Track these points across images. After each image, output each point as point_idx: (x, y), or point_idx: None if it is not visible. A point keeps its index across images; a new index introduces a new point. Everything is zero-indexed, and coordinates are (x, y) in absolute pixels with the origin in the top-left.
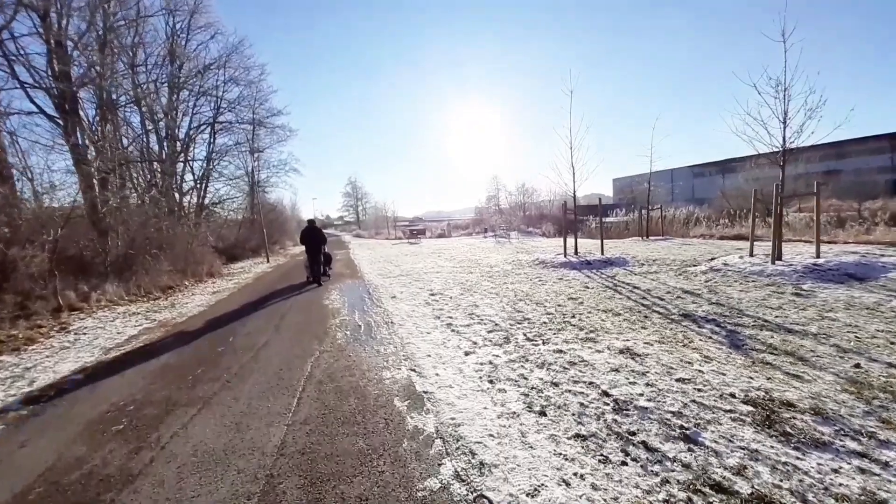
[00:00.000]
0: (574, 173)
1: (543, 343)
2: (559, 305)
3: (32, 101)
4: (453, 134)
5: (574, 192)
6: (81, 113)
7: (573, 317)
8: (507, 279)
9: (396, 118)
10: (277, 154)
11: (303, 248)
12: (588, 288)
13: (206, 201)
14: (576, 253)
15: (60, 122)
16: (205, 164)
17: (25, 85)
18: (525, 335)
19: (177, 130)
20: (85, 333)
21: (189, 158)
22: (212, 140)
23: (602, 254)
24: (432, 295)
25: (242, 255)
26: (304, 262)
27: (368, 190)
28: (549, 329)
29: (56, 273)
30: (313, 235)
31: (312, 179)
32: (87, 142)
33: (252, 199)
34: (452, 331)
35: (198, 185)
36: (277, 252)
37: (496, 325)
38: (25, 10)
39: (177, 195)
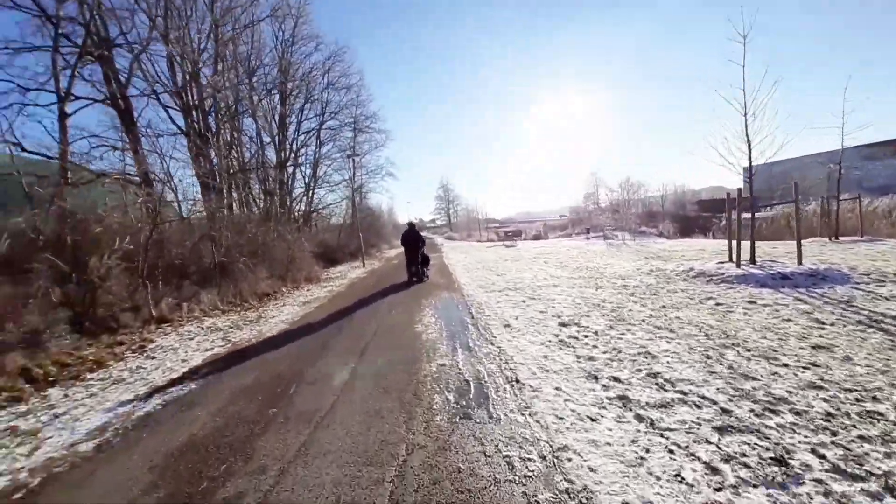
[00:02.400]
0: (750, 149)
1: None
2: (812, 364)
3: (173, 121)
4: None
5: (750, 174)
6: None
7: (860, 393)
8: (662, 301)
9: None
10: (375, 160)
11: (396, 251)
12: (824, 324)
13: (313, 207)
14: (752, 261)
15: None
16: (312, 171)
17: (168, 108)
18: (819, 453)
19: (287, 137)
20: (155, 357)
21: (300, 163)
22: (317, 148)
23: (800, 262)
24: (563, 325)
25: (342, 259)
26: (405, 263)
27: (459, 192)
28: (853, 434)
29: (148, 282)
30: (412, 238)
31: (406, 184)
32: (208, 153)
33: (353, 204)
34: (640, 420)
35: (307, 192)
36: (374, 255)
37: (722, 410)
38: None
39: (287, 200)
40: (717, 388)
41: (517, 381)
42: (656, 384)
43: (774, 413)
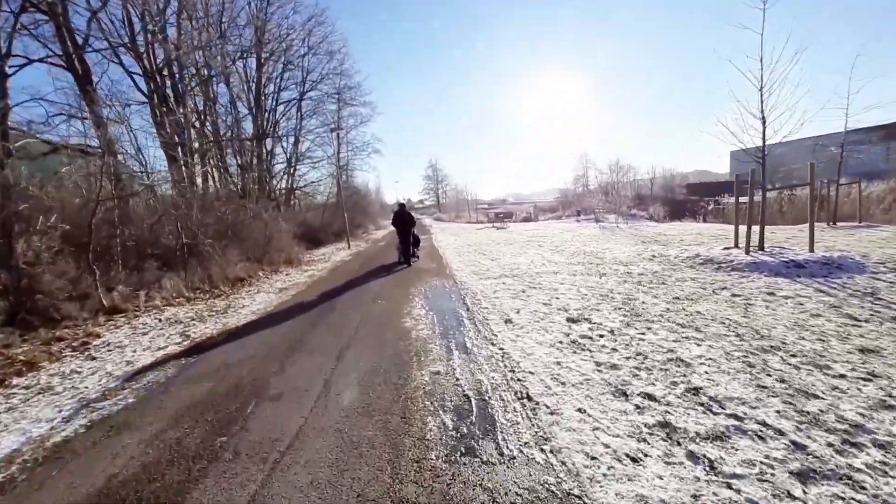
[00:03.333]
0: (764, 126)
1: None
2: (872, 375)
3: (137, 87)
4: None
5: (763, 153)
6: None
7: None
8: (674, 292)
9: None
10: (361, 136)
11: (384, 232)
12: (859, 321)
13: (294, 184)
14: (761, 248)
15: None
16: (293, 146)
17: (133, 74)
18: None
19: (264, 107)
20: (96, 358)
21: (280, 135)
22: (299, 121)
23: (811, 249)
24: (572, 321)
25: (326, 240)
26: (396, 244)
27: (448, 172)
28: None
29: (96, 267)
30: (403, 219)
31: (394, 163)
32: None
33: (337, 182)
34: (695, 461)
35: (288, 168)
36: (360, 236)
37: (794, 445)
38: None
39: (266, 176)
40: (778, 411)
41: (528, 397)
42: (701, 404)
43: (856, 447)
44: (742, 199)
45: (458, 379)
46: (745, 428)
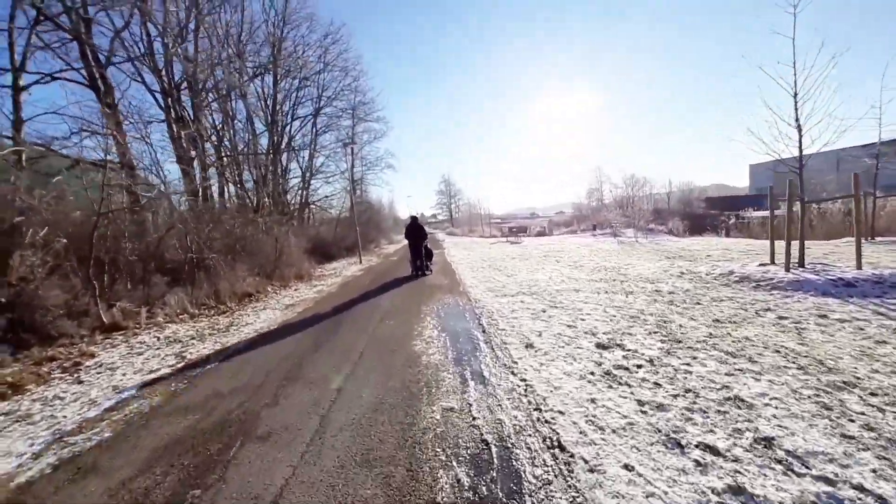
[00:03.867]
0: (801, 134)
1: None
2: None
3: (158, 105)
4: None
5: (800, 163)
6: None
7: None
8: (711, 313)
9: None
10: (374, 151)
11: (396, 247)
12: None
13: (309, 199)
14: (801, 264)
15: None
16: (307, 161)
17: (155, 92)
18: None
19: (279, 122)
20: (83, 381)
21: (294, 149)
22: (314, 136)
23: (859, 266)
24: (602, 348)
25: (338, 255)
26: (409, 257)
27: (461, 187)
28: None
29: (95, 282)
30: (415, 231)
31: (407, 178)
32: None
33: (350, 196)
34: None
35: (303, 183)
36: (372, 251)
37: None
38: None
39: (280, 191)
40: (875, 471)
41: (560, 446)
42: (778, 461)
43: None
44: (757, 214)
45: (474, 418)
46: (840, 496)
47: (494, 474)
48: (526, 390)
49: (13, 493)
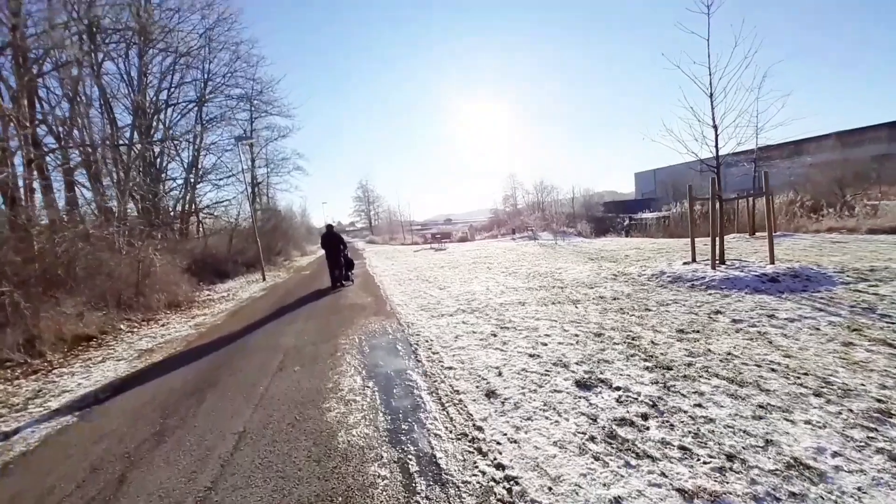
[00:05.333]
0: (717, 134)
1: None
2: None
3: None
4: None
5: (717, 163)
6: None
7: None
8: (667, 320)
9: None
10: (280, 151)
11: (311, 259)
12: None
13: (194, 207)
14: (722, 261)
15: None
16: (191, 160)
17: None
18: None
19: (149, 108)
20: None
21: (173, 138)
22: (199, 132)
23: (772, 261)
24: (585, 387)
25: (235, 272)
26: (324, 269)
27: (380, 193)
28: None
29: None
30: (332, 241)
31: (321, 184)
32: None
33: (250, 202)
34: None
35: (186, 188)
36: (281, 265)
37: None
38: None
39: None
40: None
41: None
42: None
43: None
44: (651, 215)
45: None
46: None
47: None
48: (511, 492)
49: None
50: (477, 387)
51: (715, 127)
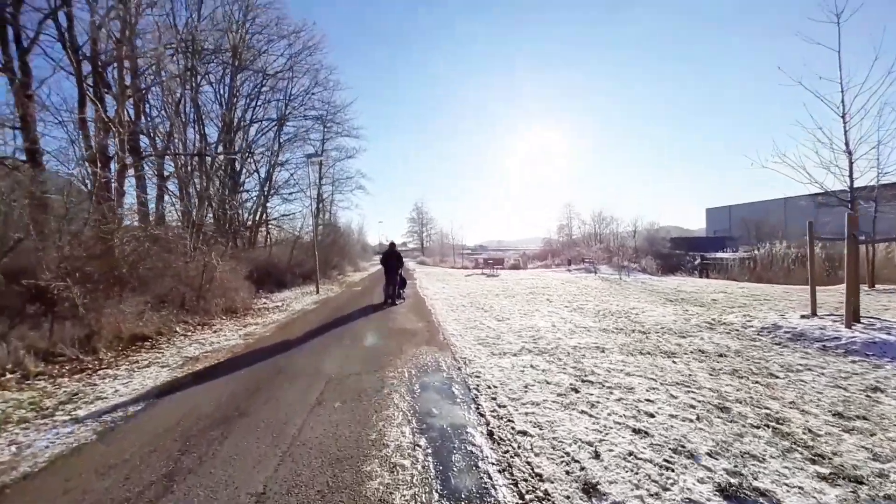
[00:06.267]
0: (851, 162)
1: None
2: None
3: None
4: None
5: (851, 194)
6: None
7: None
8: (811, 397)
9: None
10: (345, 171)
11: (363, 275)
12: None
13: (265, 218)
14: (857, 318)
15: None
16: (267, 175)
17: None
18: None
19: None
20: None
21: (252, 153)
22: (277, 149)
23: None
24: (733, 501)
25: (292, 282)
26: (382, 286)
27: (433, 216)
28: None
29: None
30: (392, 258)
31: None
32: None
33: (314, 215)
34: None
35: (260, 200)
36: (335, 279)
37: None
38: None
39: (227, 206)
40: None
41: None
42: None
43: None
44: (729, 255)
45: None
46: None
47: None
48: None
49: None
50: (567, 473)
51: (849, 153)
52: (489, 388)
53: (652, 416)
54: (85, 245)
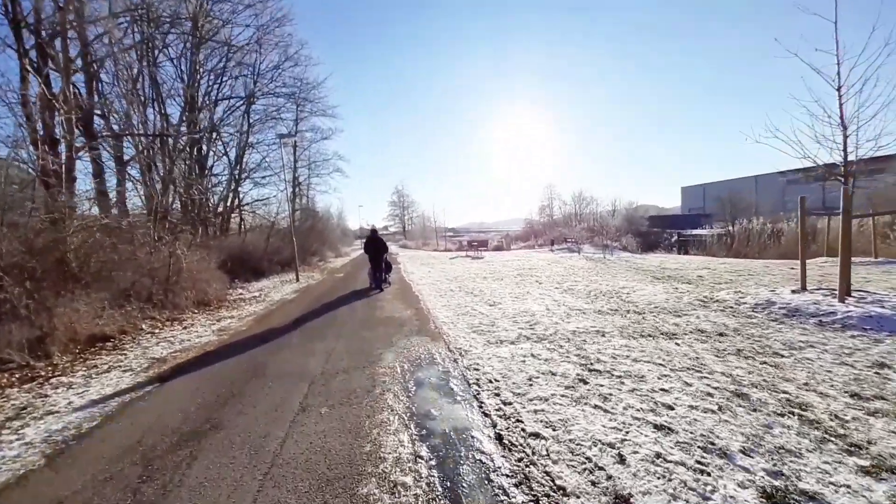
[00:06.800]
0: (846, 135)
1: None
2: None
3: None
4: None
5: (845, 170)
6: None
7: None
8: (822, 376)
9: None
10: (322, 153)
11: (344, 261)
12: None
13: (237, 204)
14: (848, 292)
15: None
16: (236, 158)
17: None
18: None
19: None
20: None
21: (219, 133)
22: (246, 129)
23: None
24: None
25: (270, 270)
26: (368, 270)
27: (415, 199)
28: None
29: None
30: (375, 244)
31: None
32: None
33: (290, 200)
34: None
35: (230, 186)
36: (315, 265)
37: None
38: None
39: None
40: None
41: None
42: None
43: None
44: (706, 231)
45: None
46: None
47: None
48: None
49: None
50: (593, 484)
51: (844, 127)
52: (490, 382)
53: (671, 408)
54: (24, 237)
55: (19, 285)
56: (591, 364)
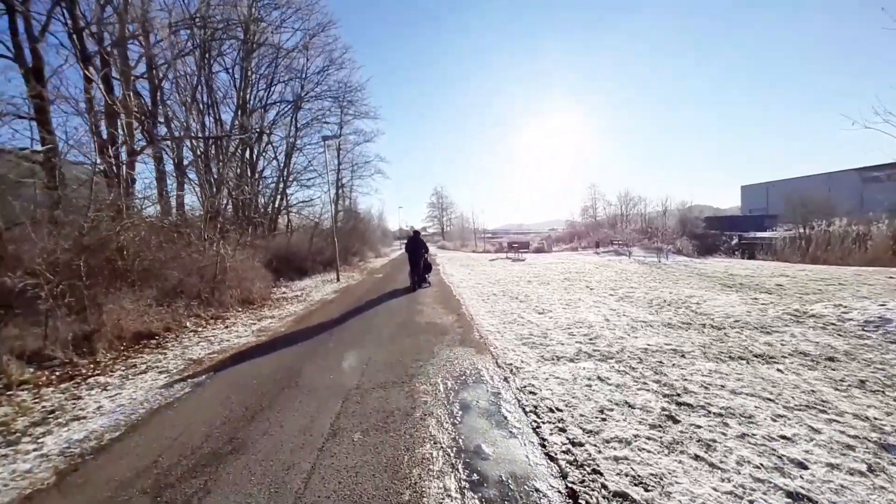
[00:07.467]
0: None
1: None
2: None
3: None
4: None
5: None
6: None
7: None
8: None
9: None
10: (363, 155)
11: (384, 261)
12: None
13: (284, 205)
14: None
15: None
16: (284, 161)
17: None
18: None
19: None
20: None
21: (269, 138)
22: (294, 132)
23: None
24: None
25: (313, 269)
26: (397, 273)
27: (453, 200)
28: None
29: None
30: (416, 245)
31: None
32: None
33: (333, 202)
34: None
35: (278, 187)
36: (356, 265)
37: None
38: None
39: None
40: None
41: None
42: None
43: None
44: (772, 234)
45: None
46: None
47: None
48: None
49: None
50: None
51: None
52: (551, 411)
53: (803, 466)
54: (76, 236)
55: (72, 280)
56: (678, 395)
